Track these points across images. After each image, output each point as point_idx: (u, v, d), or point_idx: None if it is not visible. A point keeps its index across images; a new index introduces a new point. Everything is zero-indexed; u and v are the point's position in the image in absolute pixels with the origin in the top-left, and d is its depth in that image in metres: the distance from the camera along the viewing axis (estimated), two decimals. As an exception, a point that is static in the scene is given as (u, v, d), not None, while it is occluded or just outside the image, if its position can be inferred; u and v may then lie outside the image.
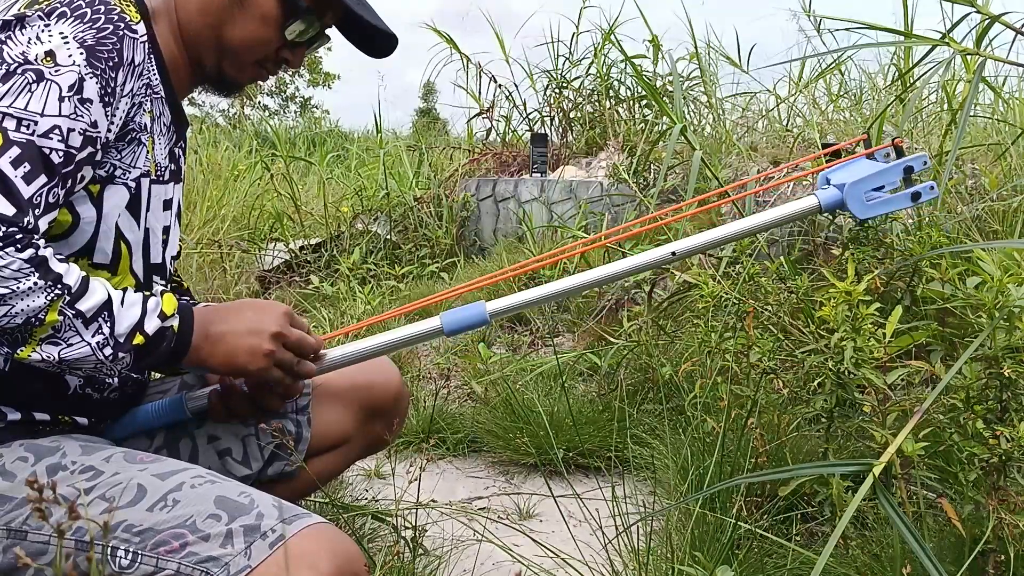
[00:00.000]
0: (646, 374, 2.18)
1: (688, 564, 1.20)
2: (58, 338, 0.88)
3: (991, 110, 3.30)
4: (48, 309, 0.86)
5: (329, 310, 3.23)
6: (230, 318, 1.03)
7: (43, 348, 0.88)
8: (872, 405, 1.26)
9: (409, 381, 2.52)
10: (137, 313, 0.94)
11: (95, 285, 0.91)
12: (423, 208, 4.62)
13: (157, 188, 1.06)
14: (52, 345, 0.88)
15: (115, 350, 0.92)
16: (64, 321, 0.88)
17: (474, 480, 1.97)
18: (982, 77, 1.52)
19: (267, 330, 1.03)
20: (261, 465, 1.21)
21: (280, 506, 0.91)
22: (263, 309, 1.05)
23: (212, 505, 0.89)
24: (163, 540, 0.86)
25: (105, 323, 0.91)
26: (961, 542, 1.14)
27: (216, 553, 0.85)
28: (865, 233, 1.74)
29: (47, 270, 0.85)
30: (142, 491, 0.91)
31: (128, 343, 0.93)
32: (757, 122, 4.22)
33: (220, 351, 1.01)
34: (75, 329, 0.89)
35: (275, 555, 0.85)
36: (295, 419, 1.23)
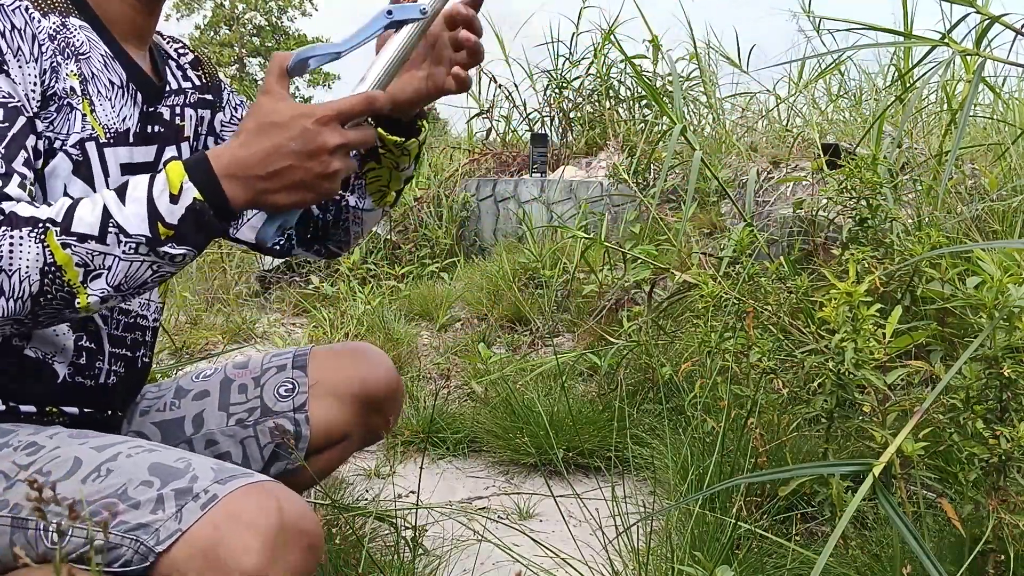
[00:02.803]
0: (646, 374, 2.18)
1: (688, 564, 1.20)
2: (91, 269, 0.83)
3: (991, 110, 3.31)
4: (48, 251, 0.81)
5: (329, 310, 3.23)
6: (268, 154, 0.86)
7: (91, 286, 0.83)
8: (872, 405, 1.26)
9: (409, 381, 2.52)
10: (143, 208, 0.84)
11: (86, 203, 0.84)
12: (423, 208, 4.62)
13: (112, 152, 1.02)
14: (96, 279, 0.83)
15: (151, 246, 0.84)
16: (77, 250, 0.82)
17: (474, 480, 1.97)
18: (982, 77, 1.52)
19: (325, 147, 0.87)
20: (261, 466, 1.20)
21: (219, 468, 0.88)
22: (293, 126, 0.86)
23: (145, 472, 0.87)
24: (94, 511, 0.84)
25: (117, 230, 0.83)
26: (961, 542, 1.14)
27: (146, 520, 0.83)
28: (865, 233, 1.75)
29: (19, 220, 0.81)
30: (77, 463, 0.89)
31: (156, 237, 0.84)
32: (757, 122, 4.22)
33: (283, 195, 0.87)
34: (96, 251, 0.83)
35: (208, 515, 0.82)
36: (293, 418, 1.22)
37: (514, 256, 3.59)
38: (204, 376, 1.27)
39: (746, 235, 1.75)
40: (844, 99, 4.44)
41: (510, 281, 3.31)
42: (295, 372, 1.25)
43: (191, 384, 1.26)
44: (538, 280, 3.25)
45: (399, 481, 1.90)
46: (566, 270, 3.13)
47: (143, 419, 1.23)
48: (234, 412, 1.22)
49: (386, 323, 3.00)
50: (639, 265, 2.38)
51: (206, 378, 1.26)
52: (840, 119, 4.09)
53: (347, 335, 2.98)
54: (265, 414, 1.21)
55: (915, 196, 2.17)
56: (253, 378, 1.25)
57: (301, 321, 3.52)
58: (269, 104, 0.87)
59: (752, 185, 2.11)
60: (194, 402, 1.24)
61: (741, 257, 1.77)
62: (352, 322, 3.06)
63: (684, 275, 1.97)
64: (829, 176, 1.94)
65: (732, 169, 3.29)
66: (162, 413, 1.23)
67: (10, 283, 0.81)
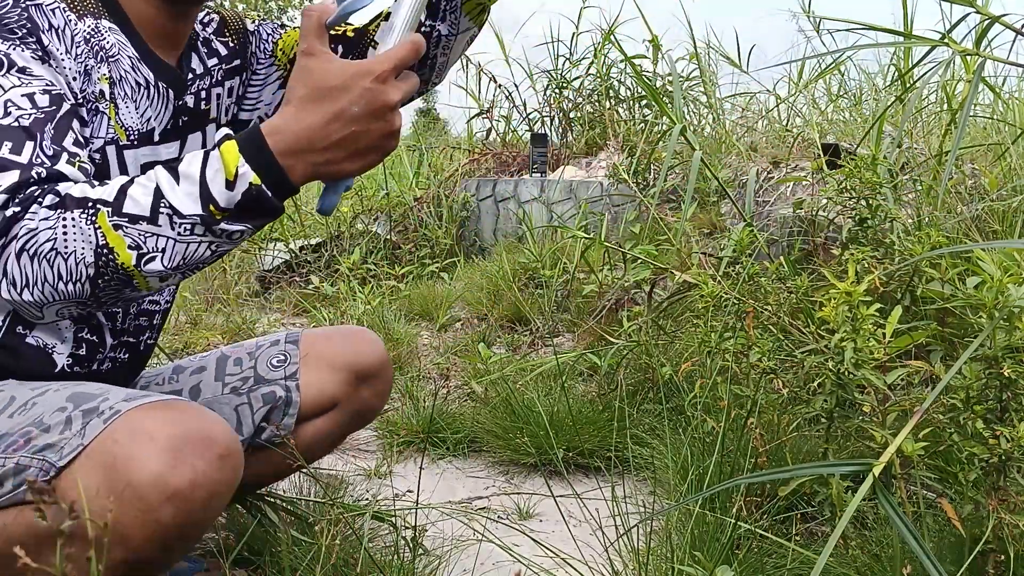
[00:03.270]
0: (646, 374, 2.18)
1: (688, 564, 1.20)
2: (144, 252, 0.80)
3: (991, 110, 3.31)
4: (100, 232, 0.79)
5: (329, 310, 3.23)
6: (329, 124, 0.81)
7: (145, 268, 0.81)
8: (872, 405, 1.26)
9: (409, 381, 2.52)
10: (195, 188, 0.81)
11: (140, 182, 0.81)
12: (423, 208, 4.62)
13: (132, 153, 1.02)
14: (151, 262, 0.81)
15: (207, 226, 0.81)
16: (129, 232, 0.79)
17: (474, 480, 1.97)
18: (982, 77, 1.52)
19: (386, 104, 0.82)
20: (252, 431, 1.24)
21: (134, 393, 0.88)
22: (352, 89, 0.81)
23: (63, 400, 0.88)
24: (13, 440, 0.86)
25: (170, 211, 0.80)
26: (961, 542, 1.14)
27: (53, 440, 0.84)
28: (864, 233, 1.75)
29: (73, 201, 0.80)
30: (11, 401, 0.91)
31: (211, 217, 0.81)
32: (757, 122, 4.22)
33: (351, 162, 0.83)
34: (149, 232, 0.80)
35: (109, 428, 0.82)
36: (284, 385, 1.25)
37: (514, 256, 3.59)
38: (201, 356, 1.32)
39: (746, 235, 1.75)
40: (844, 99, 4.44)
41: (510, 281, 3.30)
42: (287, 346, 1.29)
43: (189, 363, 1.31)
44: (538, 280, 3.25)
45: (399, 481, 1.90)
46: (566, 270, 3.12)
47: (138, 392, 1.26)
48: (228, 382, 1.25)
49: (386, 323, 3.00)
50: (639, 265, 2.38)
51: (203, 357, 1.31)
52: (840, 119, 4.09)
53: (347, 335, 2.97)
54: (258, 382, 1.25)
55: (915, 196, 2.17)
56: (248, 352, 1.29)
57: (301, 321, 3.52)
58: (318, 66, 0.82)
59: (752, 185, 2.11)
60: (191, 376, 1.28)
61: (741, 257, 1.77)
62: (352, 322, 3.06)
63: (684, 275, 1.97)
64: (829, 176, 1.94)
65: (732, 169, 3.29)
66: (160, 387, 1.27)
67: (67, 266, 0.79)
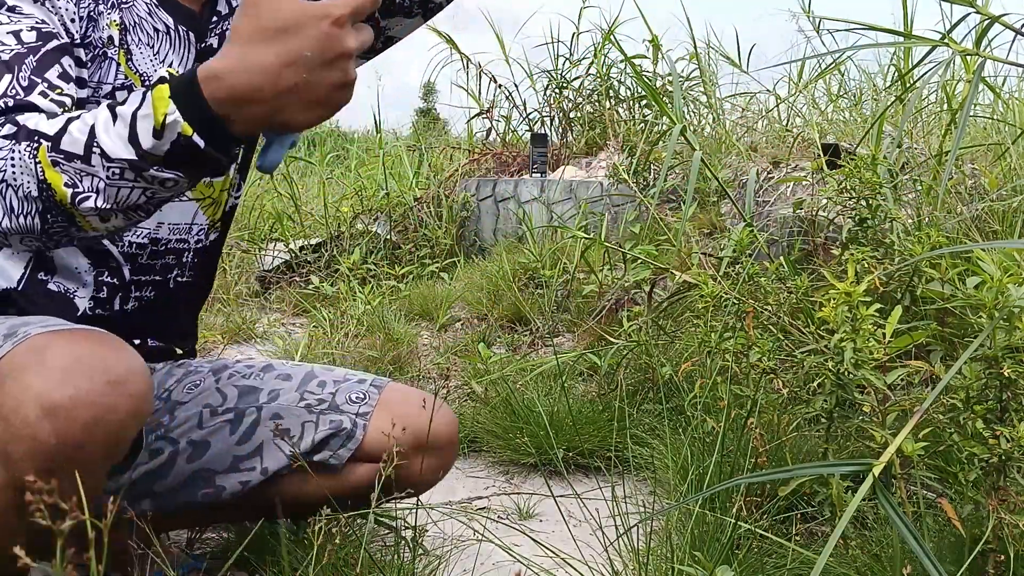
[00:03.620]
0: (646, 374, 2.18)
1: (688, 564, 1.20)
2: (79, 191, 0.75)
3: (991, 110, 3.30)
4: (40, 167, 0.75)
5: (329, 310, 3.23)
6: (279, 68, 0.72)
7: (80, 208, 0.76)
8: (872, 405, 1.26)
9: (409, 381, 2.52)
10: (126, 129, 0.74)
11: (82, 118, 0.76)
12: (423, 208, 4.62)
13: None
14: (84, 201, 0.76)
15: (136, 171, 0.75)
16: (66, 169, 0.75)
17: (474, 480, 1.97)
18: (981, 77, 1.52)
19: (342, 51, 0.74)
20: (309, 447, 1.23)
21: (62, 324, 0.90)
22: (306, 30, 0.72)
23: (5, 329, 0.89)
24: None
25: (100, 154, 0.75)
26: (961, 542, 1.14)
27: None
28: (864, 233, 1.75)
29: (25, 134, 0.76)
30: None
31: (141, 162, 0.74)
32: (757, 122, 4.22)
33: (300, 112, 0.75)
34: (83, 171, 0.75)
35: (12, 350, 0.84)
36: (353, 419, 1.25)
37: (514, 256, 3.59)
38: (292, 365, 1.33)
39: (746, 235, 1.75)
40: (844, 99, 4.44)
41: (510, 281, 3.30)
42: (371, 388, 1.29)
43: (279, 366, 1.32)
44: (538, 280, 3.25)
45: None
46: (566, 270, 3.12)
47: (228, 379, 1.27)
48: (307, 398, 1.26)
49: (386, 323, 3.00)
50: (639, 265, 2.38)
51: (294, 366, 1.32)
52: (840, 119, 4.09)
53: (347, 335, 2.98)
54: (331, 409, 1.25)
55: (915, 196, 2.17)
56: (334, 380, 1.29)
57: (301, 321, 3.52)
58: (268, 2, 0.73)
59: (752, 185, 2.11)
60: (276, 379, 1.29)
61: (741, 257, 1.77)
62: (352, 322, 3.06)
63: (684, 275, 1.97)
64: (829, 176, 1.94)
65: (732, 169, 3.29)
66: (245, 379, 1.28)
67: (16, 198, 0.76)
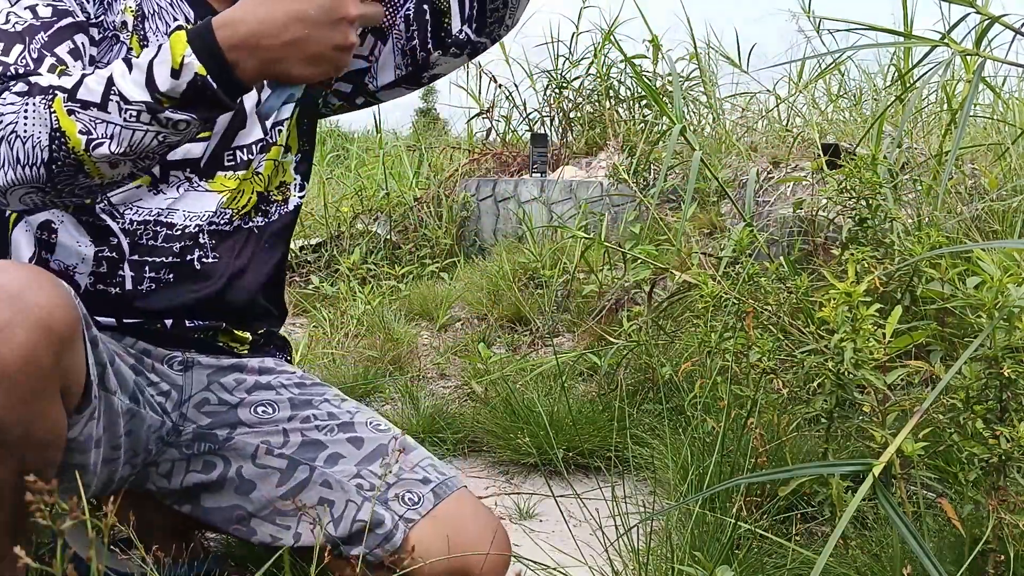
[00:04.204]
0: (646, 374, 2.18)
1: (688, 564, 1.20)
2: (94, 137, 0.82)
3: (991, 110, 3.30)
4: (55, 117, 0.81)
5: (329, 310, 3.23)
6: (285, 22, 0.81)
7: (94, 154, 0.82)
8: (872, 405, 1.26)
9: (409, 381, 2.52)
10: (143, 75, 0.82)
11: (98, 73, 0.83)
12: (423, 208, 4.62)
13: None
14: (98, 147, 0.82)
15: (152, 113, 0.82)
16: (80, 117, 0.81)
17: (474, 480, 1.97)
18: (981, 77, 1.52)
19: (345, 15, 0.83)
20: (345, 534, 1.09)
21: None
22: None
23: None
24: None
25: (119, 98, 0.82)
26: (961, 542, 1.14)
27: None
28: (864, 233, 1.75)
29: (39, 89, 0.82)
30: None
31: (157, 105, 0.82)
32: (757, 122, 4.22)
33: (298, 67, 0.83)
34: (98, 119, 0.81)
35: None
36: (396, 521, 1.10)
37: (514, 256, 3.59)
38: (375, 427, 1.17)
39: (746, 235, 1.75)
40: (844, 99, 4.44)
41: (510, 281, 3.30)
42: (429, 493, 1.13)
43: (366, 425, 1.16)
44: (538, 280, 3.25)
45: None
46: (566, 270, 3.12)
47: (301, 423, 1.14)
48: (364, 476, 1.12)
49: (386, 323, 3.00)
50: (639, 265, 2.38)
51: (376, 429, 1.16)
52: (840, 119, 4.09)
53: (347, 335, 2.98)
54: (381, 501, 1.12)
55: (915, 196, 2.17)
56: (400, 467, 1.14)
57: (301, 321, 3.52)
58: None
59: (752, 185, 2.11)
60: (347, 442, 1.14)
61: (741, 257, 1.77)
62: (352, 322, 3.06)
63: (684, 275, 1.97)
64: (829, 176, 1.94)
65: (732, 169, 3.29)
66: (318, 431, 1.14)
67: (24, 150, 0.81)
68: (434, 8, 1.12)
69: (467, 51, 1.15)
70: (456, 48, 1.13)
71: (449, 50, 1.14)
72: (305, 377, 1.23)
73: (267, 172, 1.15)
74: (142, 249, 1.08)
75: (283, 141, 1.16)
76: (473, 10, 1.11)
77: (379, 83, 1.18)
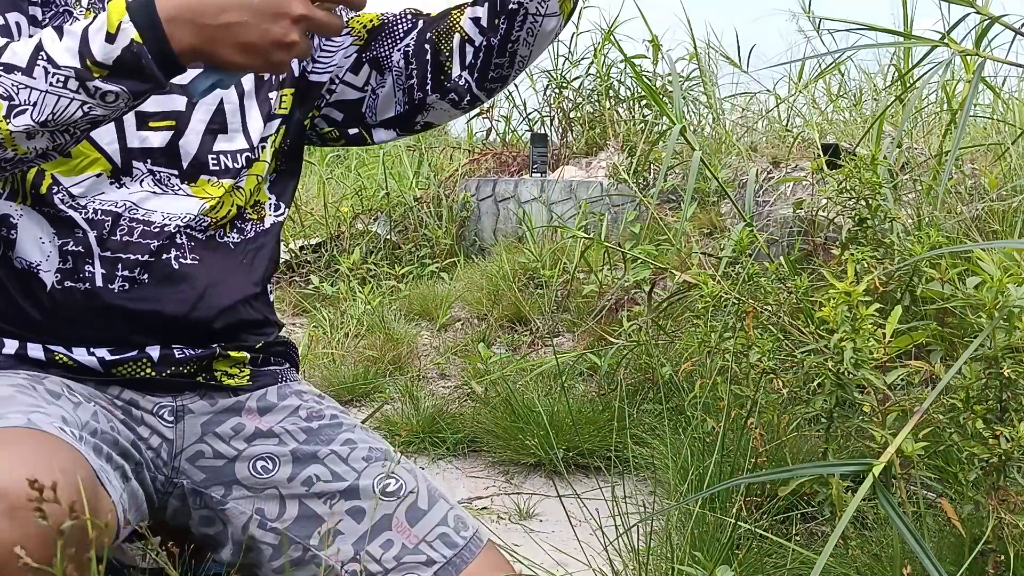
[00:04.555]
0: (646, 374, 2.18)
1: (688, 564, 1.20)
2: (16, 104, 0.79)
3: (991, 110, 3.31)
4: None
5: (329, 310, 3.23)
6: (225, 3, 0.81)
7: (13, 121, 0.80)
8: (872, 405, 1.26)
9: (409, 381, 2.52)
10: (76, 42, 0.79)
11: (26, 40, 0.81)
12: (423, 208, 4.62)
13: None
14: (20, 115, 0.79)
15: (80, 80, 0.79)
16: (2, 82, 0.79)
17: (474, 480, 1.97)
18: (981, 77, 1.52)
19: (288, 12, 0.82)
20: None
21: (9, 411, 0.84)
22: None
23: None
24: None
25: (47, 63, 0.79)
26: (961, 542, 1.14)
27: None
28: (864, 233, 1.75)
29: None
30: None
31: (87, 72, 0.79)
32: (757, 122, 4.22)
33: (230, 53, 0.82)
34: (21, 84, 0.79)
35: None
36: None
37: (514, 256, 3.59)
38: (384, 489, 1.03)
39: (746, 235, 1.75)
40: (844, 99, 4.44)
41: (510, 281, 3.30)
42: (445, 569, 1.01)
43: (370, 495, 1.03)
44: (538, 280, 3.25)
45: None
46: (566, 270, 3.12)
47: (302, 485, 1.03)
48: (361, 560, 1.01)
49: (386, 323, 3.00)
50: (639, 265, 2.38)
51: (384, 492, 1.02)
52: (840, 119, 4.09)
53: (347, 335, 2.98)
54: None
55: (915, 196, 2.18)
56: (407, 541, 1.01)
57: (301, 321, 3.52)
58: None
59: (752, 185, 2.11)
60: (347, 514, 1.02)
61: (741, 257, 1.77)
62: (352, 322, 3.06)
63: (684, 275, 1.97)
64: (829, 176, 1.94)
65: (732, 169, 3.29)
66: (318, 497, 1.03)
67: None
68: (435, 48, 1.11)
69: (465, 101, 1.13)
70: (455, 95, 1.12)
71: (447, 95, 1.12)
72: (313, 407, 1.11)
73: (248, 187, 1.10)
74: (114, 244, 1.00)
75: (268, 157, 1.11)
76: (477, 60, 1.09)
77: (378, 118, 1.16)
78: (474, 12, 1.09)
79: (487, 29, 1.07)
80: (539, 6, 1.05)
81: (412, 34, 1.12)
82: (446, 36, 1.10)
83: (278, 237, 1.18)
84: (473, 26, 1.09)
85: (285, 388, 1.13)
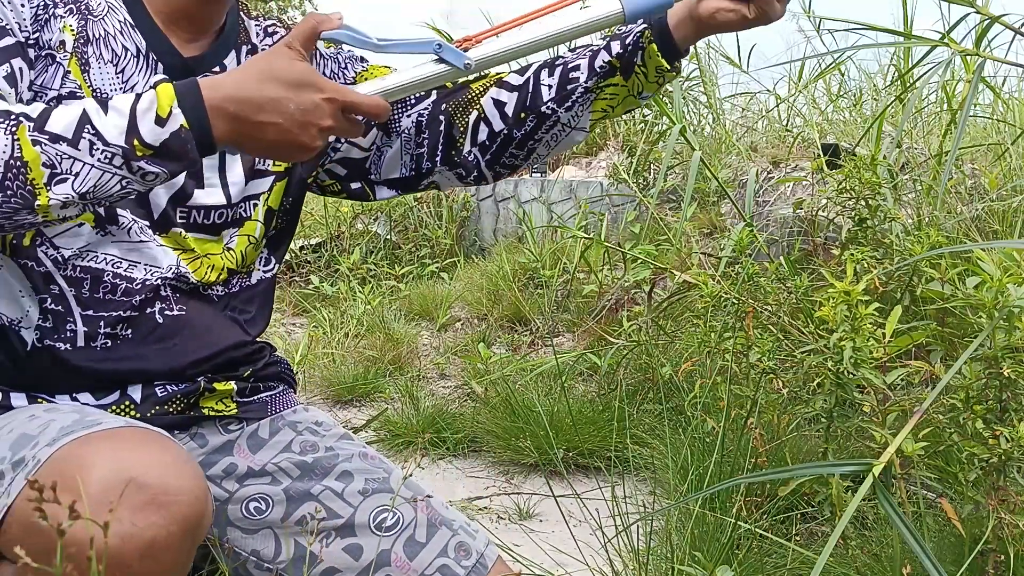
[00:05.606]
0: (646, 374, 2.18)
1: (688, 564, 1.20)
2: (58, 172, 0.79)
3: (991, 110, 3.30)
4: (18, 144, 0.78)
5: (329, 310, 3.23)
6: (265, 104, 0.85)
7: (54, 189, 0.79)
8: (872, 405, 1.26)
9: (409, 381, 2.52)
10: (124, 120, 0.81)
11: (65, 107, 0.82)
12: (423, 208, 4.62)
13: None
14: (61, 183, 0.79)
15: (126, 159, 0.81)
16: (47, 149, 0.79)
17: (474, 480, 1.97)
18: (981, 77, 1.52)
19: (318, 124, 0.87)
20: None
21: (74, 421, 0.84)
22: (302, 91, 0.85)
23: (6, 448, 0.85)
24: None
25: (94, 137, 0.80)
26: (961, 542, 1.14)
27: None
28: (864, 233, 1.75)
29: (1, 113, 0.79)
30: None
31: (132, 152, 0.81)
32: (757, 122, 4.22)
33: (259, 146, 0.87)
34: (66, 154, 0.80)
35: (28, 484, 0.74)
36: None
37: (514, 256, 3.59)
38: (379, 525, 1.02)
39: (746, 235, 1.75)
40: (844, 99, 4.44)
41: (510, 281, 3.31)
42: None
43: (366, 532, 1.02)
44: (538, 280, 3.25)
45: (399, 481, 1.90)
46: (566, 270, 3.13)
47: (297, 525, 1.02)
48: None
49: (386, 323, 3.00)
50: (639, 265, 2.38)
51: (378, 528, 1.02)
52: (840, 119, 4.09)
53: (347, 335, 2.98)
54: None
55: (915, 196, 2.17)
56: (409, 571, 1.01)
57: (301, 321, 3.52)
58: (286, 59, 0.86)
59: (752, 185, 2.11)
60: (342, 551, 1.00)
61: (741, 257, 1.77)
62: (352, 322, 3.06)
63: (684, 275, 1.97)
64: (829, 176, 1.94)
65: (732, 169, 3.29)
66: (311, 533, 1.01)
67: None
68: (449, 120, 1.11)
69: (471, 177, 1.13)
70: (462, 169, 1.12)
71: (455, 168, 1.13)
72: (307, 439, 1.09)
73: (240, 248, 1.08)
74: (95, 302, 0.97)
75: (259, 216, 1.09)
76: (493, 143, 1.10)
77: (383, 176, 1.16)
78: (498, 94, 1.09)
79: (512, 120, 1.08)
80: (572, 119, 1.07)
81: (425, 102, 1.12)
82: (463, 111, 1.11)
83: (269, 291, 1.16)
84: (495, 109, 1.09)
85: (278, 421, 1.11)
